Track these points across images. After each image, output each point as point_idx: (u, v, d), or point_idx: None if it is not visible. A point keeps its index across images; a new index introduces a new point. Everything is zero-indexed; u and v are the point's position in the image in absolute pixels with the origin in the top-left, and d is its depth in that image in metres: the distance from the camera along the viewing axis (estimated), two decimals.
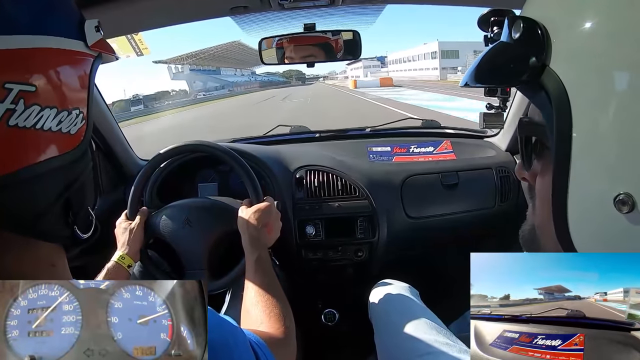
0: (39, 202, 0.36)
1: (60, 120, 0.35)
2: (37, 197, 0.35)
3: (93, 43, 0.40)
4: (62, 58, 0.37)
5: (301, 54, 1.29)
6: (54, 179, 0.36)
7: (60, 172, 0.36)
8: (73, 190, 0.38)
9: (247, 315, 0.75)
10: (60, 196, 0.37)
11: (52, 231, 0.38)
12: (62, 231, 0.38)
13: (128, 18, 1.01)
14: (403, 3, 1.21)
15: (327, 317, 1.53)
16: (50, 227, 0.37)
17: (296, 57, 1.29)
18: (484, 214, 1.45)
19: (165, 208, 1.04)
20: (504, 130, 1.53)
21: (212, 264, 1.00)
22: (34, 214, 0.36)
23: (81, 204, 0.40)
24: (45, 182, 0.36)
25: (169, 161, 1.17)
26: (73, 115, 0.37)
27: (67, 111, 0.36)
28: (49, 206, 0.37)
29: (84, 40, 0.39)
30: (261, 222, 0.90)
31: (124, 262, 0.94)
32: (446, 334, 0.89)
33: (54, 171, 0.36)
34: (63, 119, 0.36)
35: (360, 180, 1.38)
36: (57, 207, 0.37)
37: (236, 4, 0.99)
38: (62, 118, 0.36)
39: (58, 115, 0.35)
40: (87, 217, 0.42)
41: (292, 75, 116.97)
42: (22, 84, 0.32)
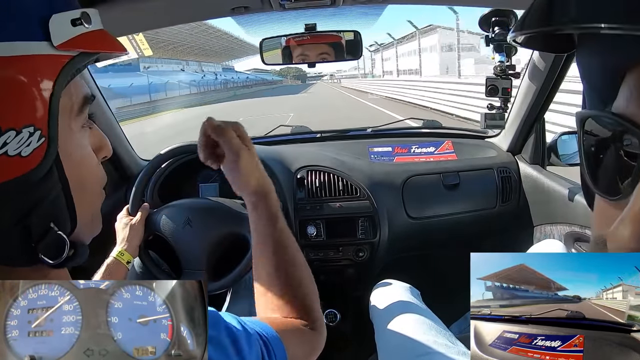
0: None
1: (4, 142, 0.30)
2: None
3: (63, 42, 0.33)
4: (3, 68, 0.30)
5: (311, 49, 1.28)
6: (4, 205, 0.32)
7: (10, 198, 0.32)
8: (34, 216, 0.34)
9: (261, 298, 0.62)
10: (17, 222, 0.33)
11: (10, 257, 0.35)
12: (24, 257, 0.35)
13: (128, 18, 1.01)
14: (403, 3, 1.21)
15: (328, 317, 1.53)
16: (8, 254, 0.34)
17: (307, 53, 1.28)
18: (485, 214, 1.45)
19: (166, 206, 1.05)
20: (505, 131, 1.52)
21: (211, 264, 1.00)
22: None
23: (45, 229, 0.35)
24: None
25: (170, 161, 1.17)
26: (24, 134, 0.31)
27: (14, 130, 0.30)
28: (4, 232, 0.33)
29: (48, 40, 0.32)
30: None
31: (123, 259, 0.94)
32: (446, 334, 0.90)
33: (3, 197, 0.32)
34: (9, 140, 0.30)
35: (361, 180, 1.38)
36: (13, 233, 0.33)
37: (237, 4, 0.99)
38: (7, 139, 0.30)
39: (1, 137, 0.30)
40: (56, 241, 0.36)
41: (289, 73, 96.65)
42: None
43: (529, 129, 1.41)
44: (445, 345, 0.85)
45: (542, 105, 1.33)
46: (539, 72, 1.25)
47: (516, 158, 1.49)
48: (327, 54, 1.29)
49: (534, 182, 1.39)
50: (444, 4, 1.14)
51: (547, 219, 1.35)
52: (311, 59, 1.29)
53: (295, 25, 1.28)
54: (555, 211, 1.30)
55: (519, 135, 1.45)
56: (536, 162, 1.42)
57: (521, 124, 1.40)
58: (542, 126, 1.39)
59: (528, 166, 1.43)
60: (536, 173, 1.39)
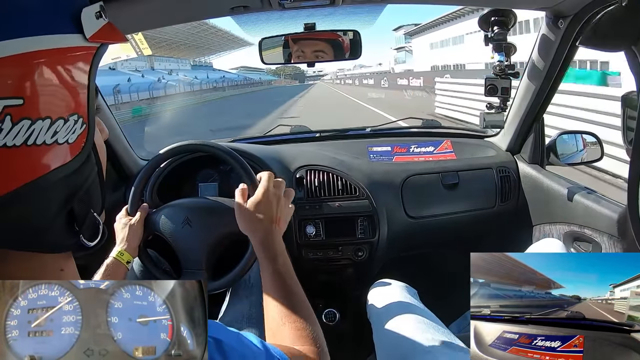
0: (40, 218, 0.33)
1: (55, 131, 0.32)
2: (37, 213, 0.33)
3: (93, 34, 0.35)
4: (52, 60, 0.32)
5: (311, 49, 1.27)
6: (54, 193, 0.34)
7: (60, 184, 0.34)
8: (76, 200, 0.36)
9: (272, 339, 0.63)
10: (63, 208, 0.35)
11: (55, 243, 0.36)
12: (67, 241, 0.37)
13: (128, 18, 1.01)
14: (403, 3, 1.21)
15: (327, 316, 1.53)
16: (54, 240, 0.35)
17: (305, 52, 1.28)
18: (484, 213, 1.45)
19: (165, 206, 1.04)
20: (504, 130, 1.53)
21: (210, 264, 1.00)
22: (35, 230, 0.34)
23: (86, 212, 0.37)
24: (44, 197, 0.33)
25: (169, 161, 1.17)
26: (70, 122, 0.33)
27: (62, 119, 0.32)
28: (51, 220, 0.34)
29: (81, 33, 0.34)
30: (267, 216, 0.76)
31: (123, 259, 0.94)
32: (444, 332, 0.90)
33: (53, 185, 0.33)
34: (59, 129, 0.32)
35: (360, 180, 1.38)
36: (59, 219, 0.35)
37: (236, 3, 0.99)
38: (57, 128, 0.32)
39: (52, 126, 0.32)
40: (94, 223, 0.39)
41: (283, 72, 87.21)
42: (7, 99, 0.29)
43: (528, 129, 1.42)
44: (444, 342, 0.85)
45: (541, 105, 1.33)
46: (538, 72, 1.25)
47: (515, 158, 1.49)
48: (324, 52, 1.29)
49: (533, 181, 1.40)
50: (444, 4, 1.14)
51: (546, 219, 1.36)
52: (309, 58, 1.29)
53: (295, 25, 1.27)
54: (554, 211, 1.30)
55: (518, 135, 1.45)
56: (535, 161, 1.42)
57: (520, 123, 1.41)
58: (541, 126, 1.39)
59: (527, 166, 1.44)
60: (535, 173, 1.39)
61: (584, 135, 1.37)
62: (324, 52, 1.29)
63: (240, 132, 8.75)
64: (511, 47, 1.23)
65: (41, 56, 0.31)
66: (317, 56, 1.29)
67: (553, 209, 1.30)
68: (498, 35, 1.20)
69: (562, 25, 1.10)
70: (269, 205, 0.77)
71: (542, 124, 1.39)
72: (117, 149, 1.36)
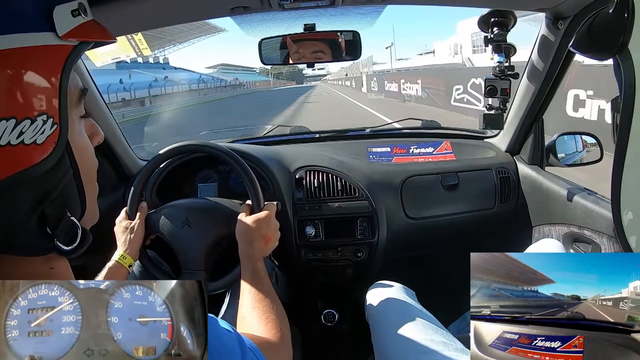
0: (7, 220, 0.33)
1: (21, 131, 0.31)
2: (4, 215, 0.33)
3: (67, 32, 0.34)
4: (16, 59, 0.31)
5: (310, 49, 1.27)
6: (21, 195, 0.33)
7: (28, 186, 0.33)
8: (48, 203, 0.35)
9: (243, 321, 0.75)
10: (33, 211, 0.34)
11: (27, 246, 0.35)
12: (40, 245, 0.36)
13: (128, 18, 1.01)
14: (403, 3, 1.21)
15: (326, 317, 1.53)
16: (25, 243, 0.35)
17: (304, 53, 1.27)
18: (484, 214, 1.45)
19: (165, 207, 1.04)
20: (504, 131, 1.53)
21: (209, 264, 1.00)
22: (4, 231, 0.33)
23: (60, 215, 0.37)
24: (11, 199, 0.32)
25: (169, 161, 1.17)
26: (38, 122, 0.32)
27: (29, 119, 0.32)
28: (20, 222, 0.34)
29: (53, 31, 0.33)
30: (260, 233, 0.88)
31: (125, 262, 0.94)
32: (443, 333, 0.90)
33: (20, 187, 0.33)
34: (25, 129, 0.31)
35: (360, 180, 1.38)
36: (30, 222, 0.34)
37: (236, 4, 0.99)
38: (23, 129, 0.31)
39: (18, 126, 0.31)
40: (71, 227, 0.38)
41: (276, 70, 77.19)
42: None
43: (528, 130, 1.42)
44: (443, 343, 0.85)
45: (541, 106, 1.34)
46: (537, 73, 1.26)
47: (515, 158, 1.49)
48: (322, 52, 1.29)
49: (533, 182, 1.40)
50: (444, 4, 1.15)
51: (545, 219, 1.36)
52: (308, 59, 1.29)
53: (295, 25, 1.28)
54: (553, 211, 1.30)
55: (517, 136, 1.46)
56: (535, 162, 1.42)
57: (520, 124, 1.41)
58: (541, 127, 1.40)
59: (526, 166, 1.44)
60: (535, 173, 1.39)
61: (583, 136, 1.38)
62: (322, 53, 1.29)
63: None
64: (511, 48, 1.23)
65: (4, 55, 0.30)
66: (316, 57, 1.29)
67: (552, 210, 1.31)
68: (498, 37, 1.20)
69: (562, 26, 1.10)
70: (266, 224, 0.90)
71: (542, 124, 1.39)
72: (116, 149, 1.35)
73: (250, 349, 0.56)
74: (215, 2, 1.03)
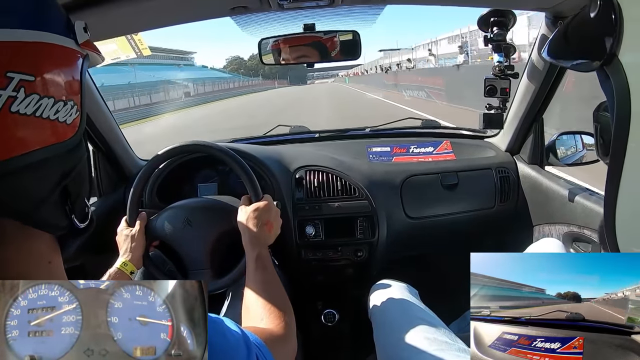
0: (39, 189, 0.37)
1: (57, 109, 0.38)
2: (37, 183, 0.37)
3: (83, 42, 0.43)
4: (57, 53, 0.39)
5: (294, 54, 1.29)
6: (52, 166, 0.38)
7: (58, 159, 0.38)
8: (70, 179, 0.40)
9: (247, 312, 0.76)
10: (58, 184, 0.39)
11: (51, 219, 0.39)
12: (61, 220, 0.40)
13: (128, 18, 1.01)
14: (403, 3, 1.21)
15: (327, 317, 1.53)
16: (49, 216, 0.39)
17: (290, 58, 1.29)
18: (484, 214, 1.45)
19: (164, 210, 1.04)
20: (503, 131, 1.53)
21: (214, 262, 1.01)
22: (34, 201, 0.37)
23: (78, 192, 0.42)
24: (45, 168, 0.37)
25: (169, 161, 1.17)
26: (68, 106, 0.39)
27: (63, 102, 0.38)
28: (48, 194, 0.38)
29: (74, 39, 0.42)
30: (261, 220, 0.90)
31: (127, 269, 0.95)
32: (445, 332, 0.90)
33: (53, 158, 0.38)
34: (60, 108, 0.38)
35: (360, 180, 1.38)
36: (55, 195, 0.39)
37: (236, 4, 0.99)
38: (59, 108, 0.38)
39: (55, 105, 0.37)
40: (84, 206, 0.44)
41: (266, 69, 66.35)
42: (23, 74, 0.35)
43: (528, 129, 1.42)
44: (444, 342, 0.85)
45: (541, 105, 1.34)
46: (537, 73, 1.25)
47: (515, 158, 1.49)
48: (323, 52, 1.29)
49: (533, 182, 1.40)
50: (444, 4, 1.14)
51: (545, 219, 1.36)
52: (303, 59, 1.29)
53: (295, 26, 1.28)
54: (553, 211, 1.30)
55: (517, 136, 1.46)
56: (534, 162, 1.42)
57: (520, 124, 1.41)
58: (541, 126, 1.40)
59: (526, 166, 1.44)
60: (535, 173, 1.39)
61: (583, 135, 1.37)
62: (322, 53, 1.29)
63: None
64: (510, 47, 1.23)
65: (51, 48, 0.38)
66: (315, 57, 1.29)
67: (552, 210, 1.31)
68: (497, 36, 1.20)
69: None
70: (266, 212, 0.92)
71: (542, 124, 1.39)
72: (116, 149, 1.35)
73: (256, 345, 0.57)
74: (215, 2, 1.03)
